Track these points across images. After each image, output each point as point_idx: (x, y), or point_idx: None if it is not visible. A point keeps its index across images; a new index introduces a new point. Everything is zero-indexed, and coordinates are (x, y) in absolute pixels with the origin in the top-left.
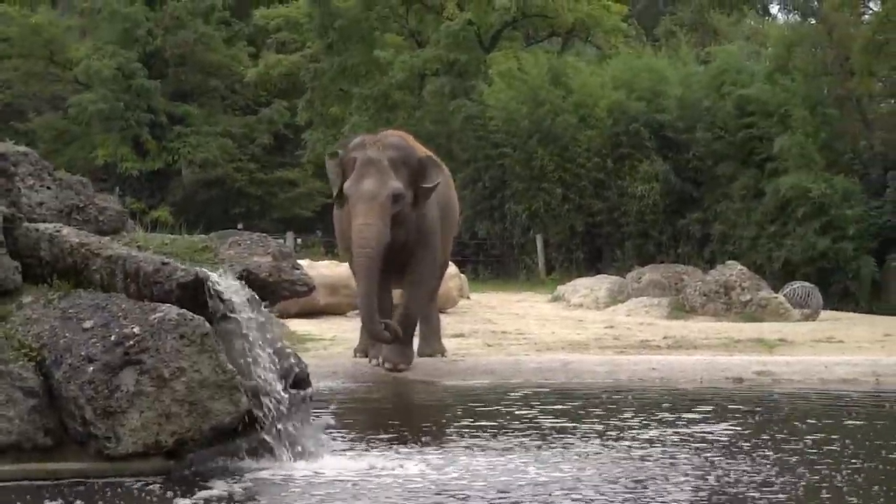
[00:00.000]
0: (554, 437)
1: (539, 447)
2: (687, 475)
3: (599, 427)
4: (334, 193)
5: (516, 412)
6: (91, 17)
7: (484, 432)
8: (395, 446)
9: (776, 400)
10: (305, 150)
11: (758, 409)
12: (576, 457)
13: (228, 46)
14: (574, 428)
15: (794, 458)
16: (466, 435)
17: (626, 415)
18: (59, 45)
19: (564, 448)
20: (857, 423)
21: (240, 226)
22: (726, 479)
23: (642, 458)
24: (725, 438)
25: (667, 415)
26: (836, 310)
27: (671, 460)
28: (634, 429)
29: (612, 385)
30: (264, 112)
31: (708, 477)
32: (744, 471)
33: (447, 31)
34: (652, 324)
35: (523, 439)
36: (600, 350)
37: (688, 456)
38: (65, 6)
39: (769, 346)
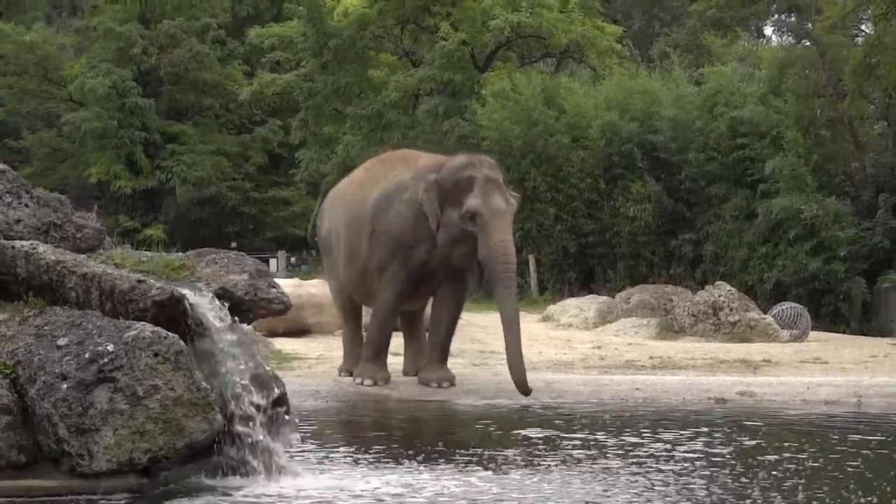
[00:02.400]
0: (529, 459)
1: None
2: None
3: (576, 450)
4: (432, 217)
5: (494, 434)
6: (86, 35)
7: (460, 453)
8: (373, 465)
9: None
10: (299, 169)
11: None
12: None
13: (223, 65)
14: (553, 449)
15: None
16: (442, 455)
17: (601, 434)
18: (53, 62)
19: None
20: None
21: (233, 244)
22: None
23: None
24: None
25: (641, 434)
26: (828, 331)
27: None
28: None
29: (594, 405)
30: (258, 131)
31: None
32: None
33: (441, 51)
34: (640, 344)
35: (499, 461)
36: (586, 370)
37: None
38: (60, 24)
39: (754, 366)
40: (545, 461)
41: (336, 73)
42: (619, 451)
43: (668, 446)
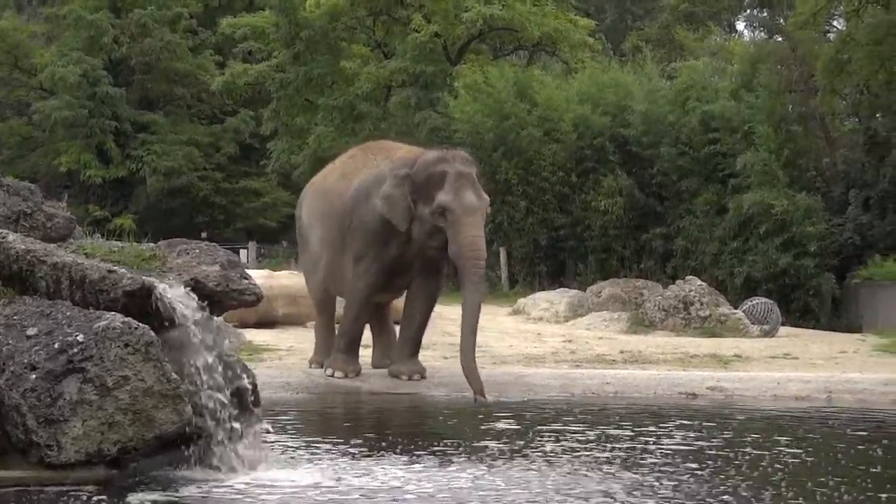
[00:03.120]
0: (501, 450)
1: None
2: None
3: (547, 444)
4: (400, 212)
5: (467, 425)
6: (56, 23)
7: (432, 445)
8: (343, 458)
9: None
10: (271, 160)
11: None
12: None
13: (195, 55)
14: (520, 443)
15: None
16: (414, 447)
17: (572, 428)
18: (23, 50)
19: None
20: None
21: (204, 234)
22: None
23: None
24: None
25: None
26: (798, 326)
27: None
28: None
29: (564, 399)
30: (230, 121)
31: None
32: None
33: (414, 42)
34: (610, 338)
35: (468, 452)
36: (556, 364)
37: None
38: (30, 12)
39: (724, 361)
40: (517, 452)
41: (308, 63)
42: (591, 444)
43: (642, 441)
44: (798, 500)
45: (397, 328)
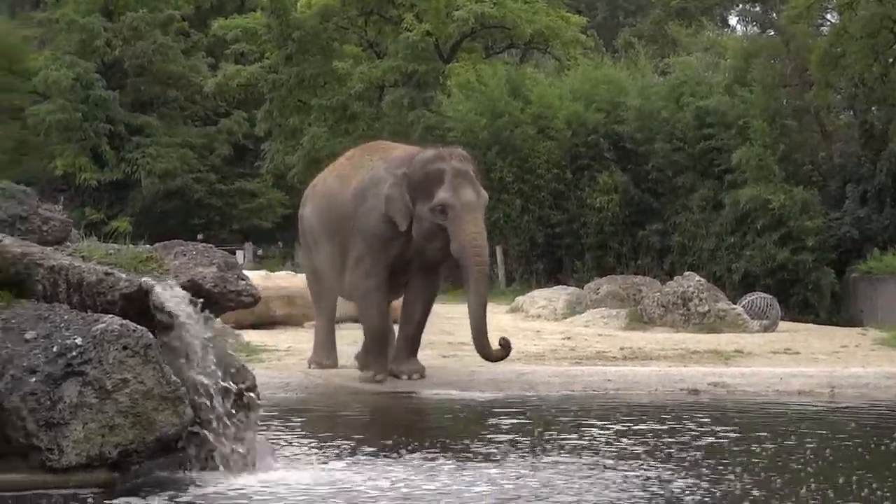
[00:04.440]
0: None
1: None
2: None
3: (552, 441)
4: (399, 212)
5: (470, 425)
6: (49, 27)
7: (436, 445)
8: (346, 458)
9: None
10: (265, 161)
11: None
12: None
13: (187, 57)
14: (524, 440)
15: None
16: (417, 447)
17: (577, 425)
18: (16, 54)
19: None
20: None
21: (200, 236)
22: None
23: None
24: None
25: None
26: (797, 321)
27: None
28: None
29: (565, 397)
30: (224, 123)
31: None
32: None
33: (406, 42)
34: (609, 335)
35: (471, 452)
36: (556, 361)
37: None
38: (23, 17)
39: (725, 357)
40: (522, 452)
41: (300, 64)
42: (597, 443)
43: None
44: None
45: (395, 328)
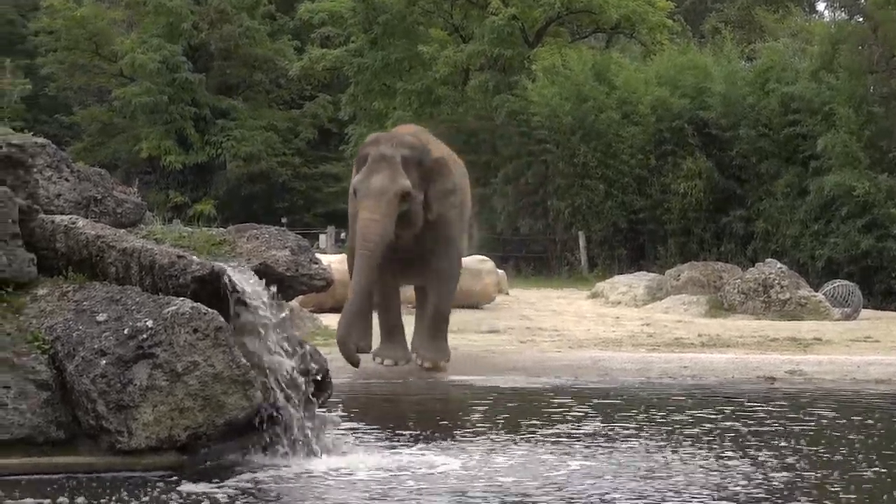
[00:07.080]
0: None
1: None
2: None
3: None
4: (350, 195)
5: (542, 410)
6: (136, 9)
7: (498, 430)
8: (419, 444)
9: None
10: (349, 145)
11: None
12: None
13: (273, 40)
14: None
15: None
16: (476, 433)
17: (651, 412)
18: (104, 37)
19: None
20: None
21: (283, 220)
22: None
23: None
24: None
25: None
26: (880, 309)
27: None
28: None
29: (642, 383)
30: (308, 106)
31: None
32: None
33: (491, 26)
34: (689, 322)
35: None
36: (634, 347)
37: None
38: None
39: (804, 345)
40: (581, 437)
41: (385, 48)
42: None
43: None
44: None
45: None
